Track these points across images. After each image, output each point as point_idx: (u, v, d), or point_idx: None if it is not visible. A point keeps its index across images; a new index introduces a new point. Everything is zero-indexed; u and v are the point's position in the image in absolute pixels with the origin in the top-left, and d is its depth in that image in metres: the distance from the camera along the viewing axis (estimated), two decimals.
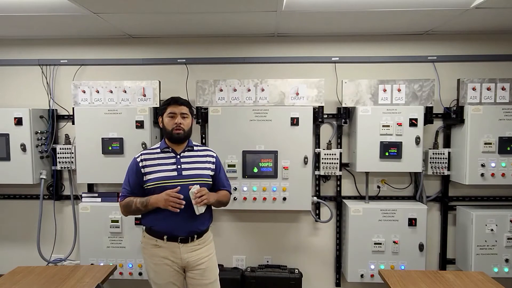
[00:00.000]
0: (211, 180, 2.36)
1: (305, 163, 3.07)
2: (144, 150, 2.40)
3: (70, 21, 2.87)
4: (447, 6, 2.56)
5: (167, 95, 3.27)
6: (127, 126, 3.10)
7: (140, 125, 3.08)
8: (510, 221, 3.01)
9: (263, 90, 3.13)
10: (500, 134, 2.98)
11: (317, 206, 3.38)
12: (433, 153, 3.19)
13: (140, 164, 2.29)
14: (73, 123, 3.19)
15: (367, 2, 2.50)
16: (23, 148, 3.15)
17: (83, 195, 3.28)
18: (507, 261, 3.01)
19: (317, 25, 3.00)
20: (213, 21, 2.89)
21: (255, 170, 3.08)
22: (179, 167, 2.29)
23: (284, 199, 3.10)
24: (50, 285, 2.26)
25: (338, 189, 3.35)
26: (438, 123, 3.27)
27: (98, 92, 3.18)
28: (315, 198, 3.25)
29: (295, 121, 3.06)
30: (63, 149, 3.32)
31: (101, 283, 2.29)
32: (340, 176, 3.31)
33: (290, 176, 3.09)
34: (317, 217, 3.37)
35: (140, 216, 3.03)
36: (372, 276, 3.09)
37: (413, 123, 3.02)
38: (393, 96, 3.11)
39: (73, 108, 3.20)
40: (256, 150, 3.08)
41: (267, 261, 3.41)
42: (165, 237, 2.26)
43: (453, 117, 3.15)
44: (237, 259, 3.42)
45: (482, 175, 2.98)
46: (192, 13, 2.70)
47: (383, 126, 3.03)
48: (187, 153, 2.35)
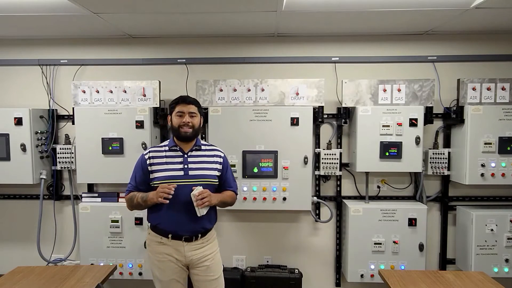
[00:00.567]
0: (217, 180, 2.36)
1: (305, 163, 3.07)
2: (152, 147, 2.40)
3: (70, 21, 2.87)
4: (447, 6, 2.56)
5: (167, 95, 3.30)
6: (127, 126, 3.10)
7: (140, 125, 3.08)
8: (510, 221, 3.01)
9: (263, 90, 3.13)
10: (500, 134, 2.98)
11: (317, 206, 3.38)
12: (433, 153, 3.19)
13: (148, 162, 2.31)
14: (73, 123, 3.19)
15: (367, 2, 2.50)
16: (23, 148, 3.15)
17: (83, 195, 3.28)
18: (507, 261, 3.01)
19: (317, 25, 3.00)
20: (213, 21, 2.89)
21: (255, 170, 3.08)
22: (186, 166, 2.29)
23: (284, 199, 3.10)
24: (50, 285, 2.26)
25: (338, 189, 3.35)
26: (438, 123, 3.27)
27: (98, 92, 3.18)
28: (315, 198, 3.25)
29: (295, 121, 3.06)
30: (63, 149, 3.32)
31: (101, 283, 2.29)
32: (340, 176, 3.31)
33: (290, 176, 3.09)
34: (317, 217, 3.37)
35: (140, 216, 3.10)
36: (372, 276, 3.09)
37: (413, 123, 3.02)
38: (393, 96, 3.11)
39: (73, 108, 3.20)
40: (256, 150, 3.08)
41: (267, 261, 3.41)
42: (169, 235, 2.27)
43: (453, 117, 3.15)
44: (237, 259, 3.42)
45: (482, 175, 2.98)
46: (192, 13, 2.70)
47: (383, 126, 3.03)
48: (194, 153, 2.34)
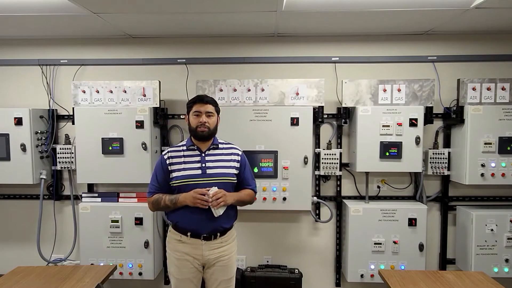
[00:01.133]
0: (235, 178, 2.37)
1: (305, 163, 3.07)
2: (170, 147, 2.43)
3: (70, 21, 2.87)
4: (447, 6, 2.56)
5: (167, 95, 3.31)
6: (127, 126, 3.09)
7: (140, 125, 3.08)
8: (510, 221, 3.01)
9: (263, 90, 3.13)
10: (500, 134, 2.98)
11: (317, 206, 3.38)
12: (433, 153, 3.19)
13: (167, 162, 2.33)
14: (73, 123, 3.19)
15: (367, 2, 2.50)
16: (23, 148, 3.15)
17: (83, 195, 3.28)
18: (507, 261, 3.01)
19: (317, 25, 3.00)
20: (214, 21, 2.89)
21: (255, 170, 3.08)
22: (203, 165, 2.31)
23: (284, 199, 3.10)
24: (50, 285, 2.26)
25: (338, 189, 3.35)
26: (438, 123, 3.27)
27: (98, 92, 3.18)
28: (315, 198, 3.25)
29: (295, 121, 3.06)
30: (63, 149, 3.32)
31: (101, 283, 2.29)
32: (340, 176, 3.31)
33: (290, 176, 3.09)
34: (317, 217, 3.37)
35: (140, 216, 3.11)
36: (372, 276, 3.09)
37: (413, 123, 3.02)
38: (393, 96, 3.11)
39: (73, 108, 3.19)
40: (256, 150, 3.08)
41: (267, 261, 3.41)
42: (188, 233, 2.29)
43: (453, 117, 3.15)
44: (237, 259, 3.39)
45: (482, 175, 2.98)
46: (192, 13, 2.70)
47: (383, 126, 3.03)
48: (212, 151, 2.36)
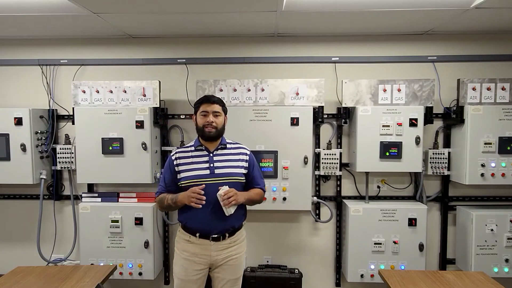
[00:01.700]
0: (244, 178, 2.37)
1: (305, 163, 3.07)
2: (179, 148, 2.44)
3: (70, 21, 2.87)
4: (447, 6, 2.56)
5: (167, 95, 3.31)
6: (127, 126, 3.09)
7: (140, 125, 3.08)
8: (510, 221, 3.01)
9: (263, 90, 3.13)
10: (500, 134, 2.97)
11: (317, 206, 3.38)
12: (433, 153, 3.19)
13: (175, 162, 2.34)
14: (73, 123, 3.19)
15: (367, 2, 2.50)
16: (23, 148, 3.15)
17: (83, 195, 3.28)
18: (507, 261, 3.01)
19: (317, 25, 3.00)
20: (213, 21, 2.89)
21: None
22: (212, 165, 2.31)
23: (284, 199, 3.10)
24: (50, 285, 2.26)
25: (338, 189, 3.35)
26: (438, 123, 3.27)
27: (98, 92, 3.18)
28: (315, 198, 3.25)
29: (295, 121, 3.06)
30: (63, 149, 3.32)
31: (101, 283, 2.29)
32: (340, 176, 3.31)
33: (290, 176, 3.09)
34: (317, 217, 3.37)
35: (140, 216, 3.11)
36: (372, 276, 3.09)
37: (413, 123, 3.02)
38: (393, 96, 3.11)
39: (73, 108, 3.20)
40: (256, 150, 3.08)
41: (267, 261, 3.41)
42: (197, 234, 2.30)
43: (453, 117, 3.15)
44: None
45: (482, 175, 2.98)
46: (192, 13, 2.70)
47: (383, 126, 3.03)
48: (220, 151, 2.37)
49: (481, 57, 3.26)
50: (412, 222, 3.06)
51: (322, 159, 3.21)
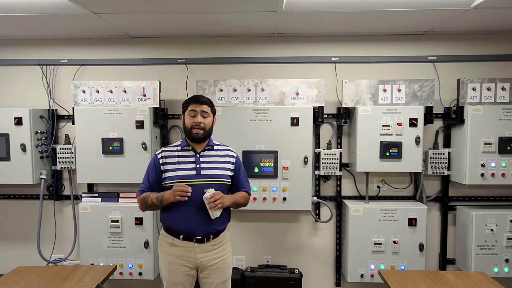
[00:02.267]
0: (230, 180, 2.34)
1: (305, 163, 3.07)
2: (165, 147, 2.40)
3: (70, 21, 2.87)
4: (447, 6, 2.56)
5: (167, 95, 3.30)
6: (127, 126, 3.09)
7: (140, 125, 3.08)
8: (510, 221, 3.01)
9: (263, 90, 3.13)
10: (500, 134, 2.97)
11: (317, 206, 3.38)
12: (433, 153, 3.19)
13: (160, 161, 2.29)
14: (73, 123, 3.19)
15: (367, 2, 2.50)
16: (23, 148, 3.15)
17: (83, 195, 3.28)
18: (507, 261, 3.01)
19: (317, 25, 3.00)
20: (213, 21, 2.89)
21: (256, 170, 3.08)
22: (198, 166, 2.27)
23: (284, 199, 3.10)
24: (50, 285, 2.26)
25: (338, 189, 3.35)
26: (438, 123, 3.27)
27: (98, 92, 3.18)
28: (315, 198, 3.25)
29: (295, 121, 3.06)
30: (63, 149, 3.32)
31: (101, 283, 2.29)
32: (340, 176, 3.31)
33: (290, 176, 3.09)
34: (317, 217, 3.37)
35: (140, 216, 3.10)
36: (372, 276, 3.09)
37: (413, 123, 3.02)
38: (393, 96, 3.11)
39: (73, 108, 3.20)
40: (256, 150, 3.08)
41: (267, 261, 3.41)
42: (181, 236, 2.26)
43: (453, 117, 3.15)
44: (237, 259, 3.41)
45: (482, 175, 2.98)
46: (192, 13, 2.70)
47: (383, 126, 3.03)
48: (207, 152, 2.33)
49: (481, 57, 3.26)
50: (412, 222, 3.06)
51: (322, 159, 3.21)
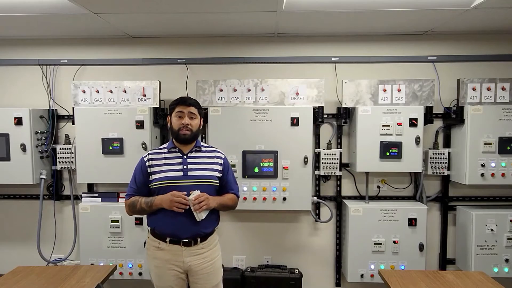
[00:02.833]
0: (218, 181, 2.31)
1: (305, 163, 3.07)
2: (152, 150, 2.38)
3: (70, 21, 2.87)
4: (447, 6, 2.56)
5: (167, 95, 3.30)
6: (127, 126, 3.09)
7: (140, 125, 3.08)
8: (510, 221, 3.01)
9: (263, 90, 3.13)
10: (500, 134, 2.98)
11: (317, 206, 3.38)
12: (433, 153, 3.19)
13: (147, 164, 2.28)
14: (73, 123, 3.19)
15: (367, 2, 2.50)
16: (23, 148, 3.15)
17: (83, 195, 3.28)
18: (507, 261, 3.01)
19: (317, 25, 3.00)
20: (213, 21, 2.89)
21: (256, 170, 3.08)
22: (185, 167, 2.25)
23: (284, 199, 3.10)
24: (50, 285, 2.26)
25: (338, 189, 3.35)
26: (438, 123, 3.27)
27: (98, 92, 3.18)
28: (315, 198, 3.25)
29: (295, 121, 3.06)
30: (63, 149, 3.32)
31: (101, 283, 2.29)
32: (340, 176, 3.31)
33: (290, 176, 3.09)
34: (317, 217, 3.37)
35: (140, 216, 3.08)
36: (372, 276, 3.09)
37: (413, 123, 3.02)
38: (393, 96, 3.11)
39: (73, 108, 3.20)
40: (256, 150, 3.08)
41: (267, 261, 3.41)
42: (167, 239, 2.23)
43: (453, 117, 3.15)
44: (237, 259, 3.42)
45: (482, 175, 2.98)
46: (192, 13, 2.70)
47: (383, 126, 3.03)
48: (194, 154, 2.30)
49: (481, 57, 3.26)
50: (412, 222, 3.06)
51: (322, 159, 3.21)
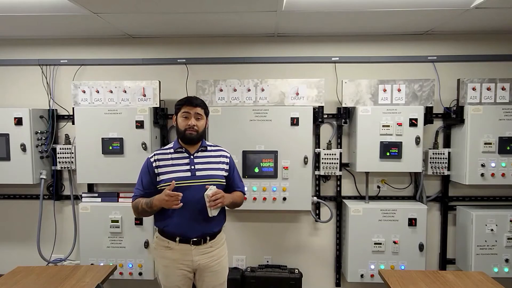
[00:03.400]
0: (225, 180, 2.32)
1: (305, 163, 3.07)
2: (157, 150, 2.36)
3: (70, 21, 2.87)
4: (447, 6, 2.56)
5: (167, 95, 3.30)
6: (127, 126, 3.09)
7: (140, 125, 3.08)
8: (510, 221, 3.01)
9: (263, 90, 3.13)
10: (500, 134, 2.98)
11: (317, 206, 3.38)
12: (433, 153, 3.19)
13: (154, 164, 2.26)
14: (73, 123, 3.19)
15: (367, 2, 2.50)
16: (23, 148, 3.15)
17: (83, 195, 3.28)
18: (507, 261, 3.01)
19: (317, 25, 3.00)
20: (213, 21, 2.89)
21: (256, 170, 3.08)
22: (193, 167, 2.25)
23: (284, 199, 3.10)
24: (50, 285, 2.26)
25: (338, 189, 3.35)
26: (438, 123, 3.27)
27: (98, 92, 3.18)
28: (315, 198, 3.25)
29: (295, 121, 3.06)
30: (63, 149, 3.32)
31: (101, 283, 2.29)
32: (340, 176, 3.31)
33: (290, 176, 3.09)
34: (317, 217, 3.37)
35: (139, 217, 3.10)
36: (372, 276, 3.09)
37: (413, 123, 3.02)
38: (393, 96, 3.11)
39: (73, 108, 3.20)
40: (256, 150, 3.08)
41: (267, 261, 3.41)
42: (177, 238, 2.23)
43: (453, 117, 3.15)
44: (237, 259, 3.42)
45: (482, 175, 2.98)
46: (192, 13, 2.70)
47: (383, 126, 3.03)
48: (200, 154, 2.30)
49: (481, 57, 3.26)
50: (412, 222, 3.06)
51: (322, 159, 3.21)
